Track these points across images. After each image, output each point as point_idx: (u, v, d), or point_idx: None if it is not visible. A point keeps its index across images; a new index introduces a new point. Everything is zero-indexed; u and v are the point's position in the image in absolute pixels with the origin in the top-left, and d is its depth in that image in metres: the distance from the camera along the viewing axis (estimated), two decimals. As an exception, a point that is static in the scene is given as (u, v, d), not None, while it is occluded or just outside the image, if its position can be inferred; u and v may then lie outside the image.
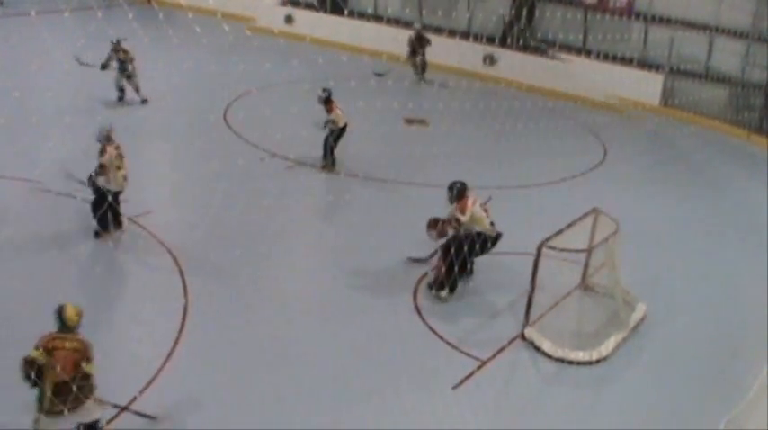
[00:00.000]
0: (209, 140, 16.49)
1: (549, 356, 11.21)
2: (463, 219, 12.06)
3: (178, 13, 25.12)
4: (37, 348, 8.01)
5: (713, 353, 11.75)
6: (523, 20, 24.84)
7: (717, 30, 23.09)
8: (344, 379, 10.41)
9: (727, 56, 23.11)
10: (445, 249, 12.30)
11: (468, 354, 11.12)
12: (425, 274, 13.06)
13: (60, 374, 7.99)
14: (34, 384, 7.98)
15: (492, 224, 12.40)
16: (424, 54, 24.67)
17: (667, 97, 23.66)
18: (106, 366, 10.06)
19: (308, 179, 16.45)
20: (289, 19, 28.60)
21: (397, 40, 24.77)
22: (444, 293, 12.41)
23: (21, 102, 16.40)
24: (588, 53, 23.90)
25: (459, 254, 12.03)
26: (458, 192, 12.24)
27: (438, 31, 25.40)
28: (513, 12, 25.94)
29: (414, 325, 11.77)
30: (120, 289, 12.09)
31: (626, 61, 23.91)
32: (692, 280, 13.76)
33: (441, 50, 25.00)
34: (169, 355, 10.40)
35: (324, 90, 16.62)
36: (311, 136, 17.23)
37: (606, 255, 12.20)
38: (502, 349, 11.34)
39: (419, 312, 12.06)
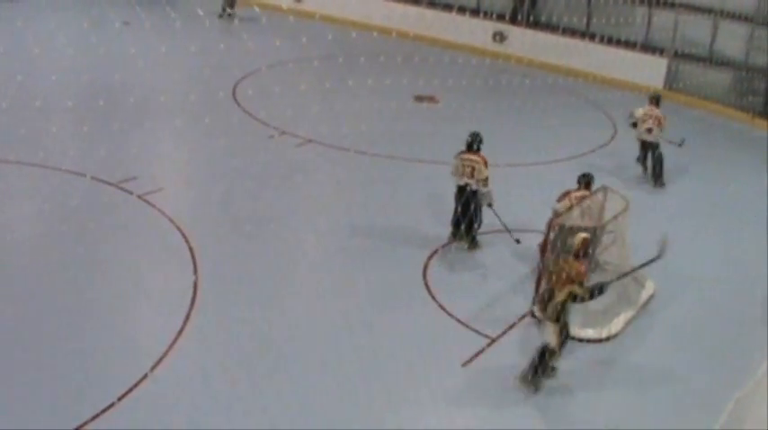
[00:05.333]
0: (219, 118, 16.45)
1: (559, 334, 11.21)
2: None
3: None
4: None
5: (721, 330, 11.77)
6: (527, 2, 24.67)
7: (721, 13, 22.80)
8: (354, 356, 10.42)
9: (732, 39, 22.82)
10: None
11: (477, 332, 11.14)
12: (435, 251, 13.08)
13: (553, 283, 9.91)
14: None
15: None
16: None
17: (671, 81, 23.40)
18: (116, 343, 10.21)
19: (317, 156, 16.42)
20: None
21: (406, 17, 24.64)
22: None
23: (24, 85, 16.35)
24: (592, 36, 23.69)
25: None
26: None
27: (447, 7, 25.26)
28: None
29: (424, 302, 11.80)
30: (130, 266, 12.12)
31: (630, 45, 23.71)
32: (699, 259, 13.74)
33: (450, 27, 24.88)
34: (179, 332, 10.44)
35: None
36: (320, 113, 17.19)
37: (616, 232, 12.18)
38: (511, 326, 11.37)
39: (429, 290, 12.08)
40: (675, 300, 12.43)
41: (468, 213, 13.01)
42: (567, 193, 12.62)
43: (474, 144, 13.05)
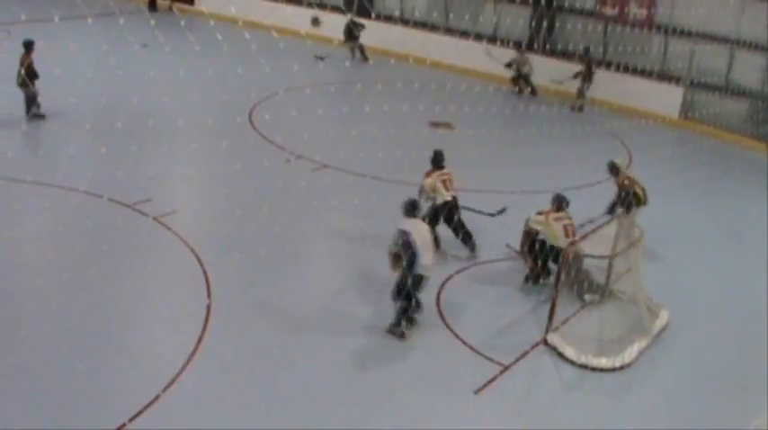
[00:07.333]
0: (235, 142, 16.53)
1: (572, 362, 11.17)
2: None
3: (200, 20, 25.24)
4: None
5: (736, 360, 11.66)
6: (543, 32, 24.70)
7: (737, 43, 22.76)
8: (367, 382, 10.43)
9: (748, 69, 22.79)
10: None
11: (490, 359, 11.10)
12: (449, 278, 13.08)
13: None
14: None
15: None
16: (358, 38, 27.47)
17: (687, 110, 23.34)
18: (129, 364, 10.22)
19: (333, 181, 16.47)
20: (315, 21, 28.65)
21: (423, 44, 24.77)
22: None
23: (43, 107, 16.45)
24: (608, 65, 23.70)
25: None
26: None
27: (464, 34, 25.34)
28: (533, 24, 25.78)
29: (437, 329, 11.77)
30: (144, 288, 12.16)
31: (646, 73, 23.70)
32: (715, 288, 13.66)
33: (468, 54, 24.98)
34: (192, 355, 10.46)
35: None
36: (336, 138, 17.26)
37: (630, 261, 12.14)
38: (524, 354, 11.32)
39: (442, 317, 12.06)
40: (689, 329, 12.34)
41: (462, 223, 13.69)
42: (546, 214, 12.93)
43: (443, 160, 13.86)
